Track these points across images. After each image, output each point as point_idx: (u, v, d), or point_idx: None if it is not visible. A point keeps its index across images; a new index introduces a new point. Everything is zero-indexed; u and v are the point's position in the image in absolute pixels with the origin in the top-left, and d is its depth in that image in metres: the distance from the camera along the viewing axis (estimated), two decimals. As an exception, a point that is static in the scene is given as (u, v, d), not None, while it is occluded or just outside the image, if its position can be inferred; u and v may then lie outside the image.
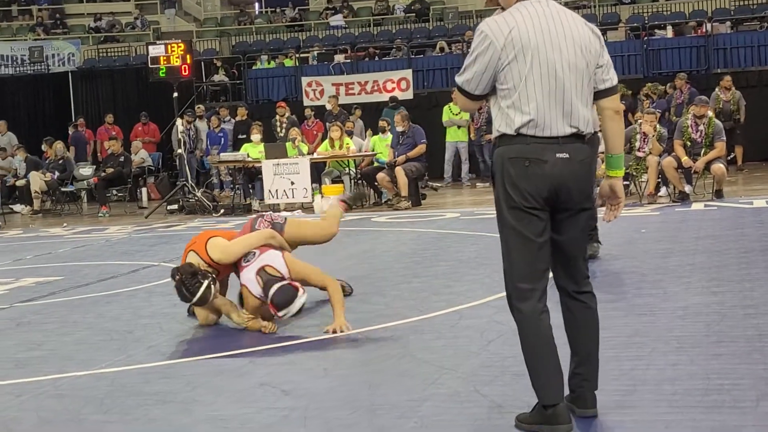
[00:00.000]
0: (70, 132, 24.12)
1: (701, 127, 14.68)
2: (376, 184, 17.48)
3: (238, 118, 22.47)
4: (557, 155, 4.36)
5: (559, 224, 4.50)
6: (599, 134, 9.94)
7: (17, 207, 21.35)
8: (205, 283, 6.89)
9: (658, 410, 4.68)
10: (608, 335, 6.26)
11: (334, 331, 6.74)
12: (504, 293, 7.72)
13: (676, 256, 9.40)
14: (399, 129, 17.37)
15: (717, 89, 19.32)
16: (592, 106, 4.55)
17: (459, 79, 4.48)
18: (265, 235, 7.32)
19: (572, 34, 4.43)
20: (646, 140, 14.77)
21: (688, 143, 14.67)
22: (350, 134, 18.71)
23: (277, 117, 21.31)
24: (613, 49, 23.44)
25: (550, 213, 4.44)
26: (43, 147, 22.52)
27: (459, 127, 21.17)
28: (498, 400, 4.93)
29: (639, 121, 15.35)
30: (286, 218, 7.92)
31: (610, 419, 4.60)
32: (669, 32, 24.10)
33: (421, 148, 17.07)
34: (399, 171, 16.62)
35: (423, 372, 5.61)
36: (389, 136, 17.88)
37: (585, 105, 4.47)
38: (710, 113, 15.07)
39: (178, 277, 6.91)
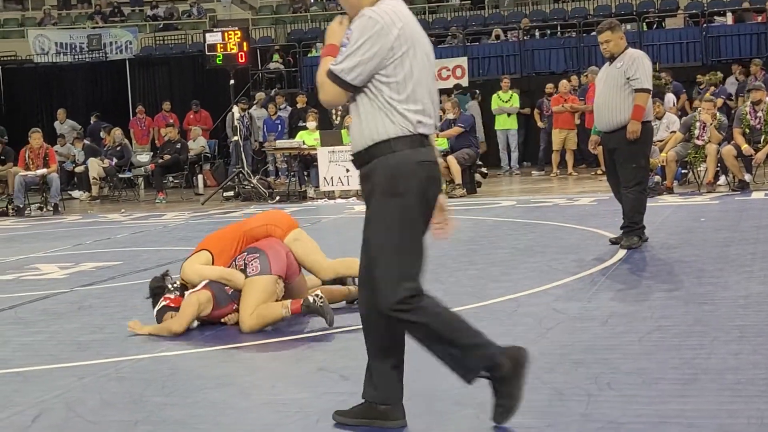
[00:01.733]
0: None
1: (759, 114, 14.49)
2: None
3: (299, 106, 22.53)
4: (436, 156, 4.37)
5: None
6: (650, 124, 9.83)
7: (76, 193, 21.62)
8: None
9: (721, 399, 4.63)
10: (668, 324, 6.23)
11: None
12: (562, 282, 7.74)
13: (737, 245, 9.29)
14: (450, 116, 17.33)
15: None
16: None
17: (337, 67, 4.19)
18: (224, 275, 6.84)
19: (426, 36, 4.42)
20: (705, 128, 14.60)
21: (747, 131, 14.49)
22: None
23: (333, 105, 21.31)
24: (672, 36, 23.23)
25: None
26: (102, 134, 22.75)
27: (509, 114, 21.08)
28: (559, 388, 4.91)
29: (698, 109, 15.18)
30: (259, 272, 6.75)
31: (672, 408, 4.56)
32: (729, 19, 23.78)
33: (456, 130, 16.95)
34: (451, 159, 16.57)
35: (481, 359, 5.59)
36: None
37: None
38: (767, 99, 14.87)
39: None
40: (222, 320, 6.85)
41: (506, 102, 21.04)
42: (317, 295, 6.55)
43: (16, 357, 6.38)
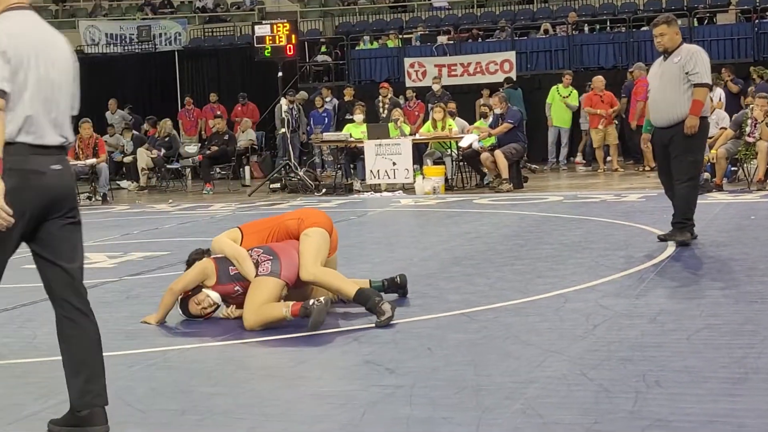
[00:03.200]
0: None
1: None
2: (480, 166, 17.43)
3: (346, 98, 22.59)
4: (52, 167, 4.33)
5: (50, 237, 4.40)
6: (707, 120, 9.67)
7: (124, 183, 21.81)
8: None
9: (772, 399, 4.58)
10: (718, 322, 6.17)
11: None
12: (609, 278, 7.70)
13: (788, 243, 9.20)
14: (497, 111, 17.28)
15: None
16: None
17: None
18: (237, 255, 6.92)
19: (63, 49, 4.43)
20: (756, 125, 14.45)
21: (799, 128, 14.32)
22: (452, 115, 18.71)
23: (380, 98, 21.35)
24: (723, 32, 22.97)
25: (36, 227, 4.36)
26: (145, 126, 22.87)
27: (567, 107, 20.93)
28: (606, 385, 4.88)
29: (750, 105, 15.02)
30: (269, 273, 6.73)
31: (721, 407, 4.51)
32: (781, 14, 23.49)
33: (506, 126, 16.88)
34: (498, 153, 16.52)
35: (528, 354, 5.58)
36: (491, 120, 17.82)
37: (70, 117, 4.45)
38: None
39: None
40: (221, 315, 6.94)
41: (566, 97, 20.91)
42: (318, 300, 6.47)
43: (66, 344, 6.43)
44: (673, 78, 9.21)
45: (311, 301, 6.45)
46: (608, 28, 25.44)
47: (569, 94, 20.91)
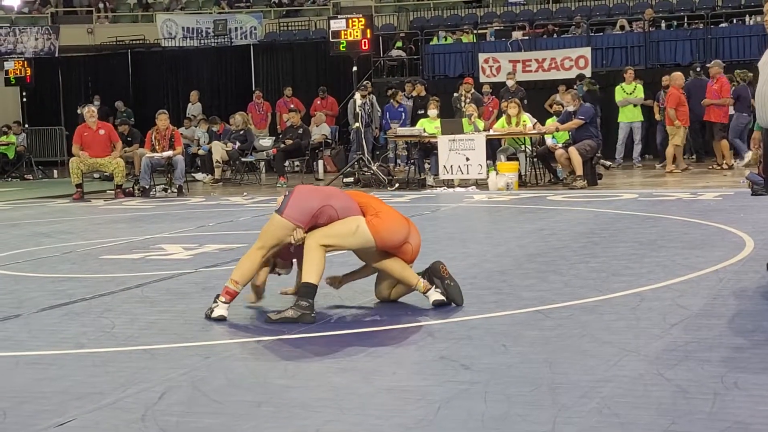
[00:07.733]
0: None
1: None
2: (554, 163, 17.37)
3: (414, 94, 22.61)
4: None
5: None
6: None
7: (199, 175, 22.04)
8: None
9: None
10: (798, 324, 6.07)
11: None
12: (686, 277, 7.60)
13: None
14: (570, 108, 17.17)
15: None
16: None
17: None
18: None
19: None
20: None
21: None
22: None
23: (463, 92, 21.30)
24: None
25: None
26: (215, 127, 23.06)
27: (634, 105, 20.75)
28: (683, 385, 4.82)
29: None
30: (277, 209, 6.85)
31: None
32: None
33: (576, 123, 16.75)
34: (573, 150, 16.43)
35: (604, 353, 5.54)
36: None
37: None
38: None
39: None
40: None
41: (630, 93, 20.73)
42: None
43: (143, 335, 6.53)
44: None
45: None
46: (686, 24, 25.13)
47: (634, 90, 20.72)
